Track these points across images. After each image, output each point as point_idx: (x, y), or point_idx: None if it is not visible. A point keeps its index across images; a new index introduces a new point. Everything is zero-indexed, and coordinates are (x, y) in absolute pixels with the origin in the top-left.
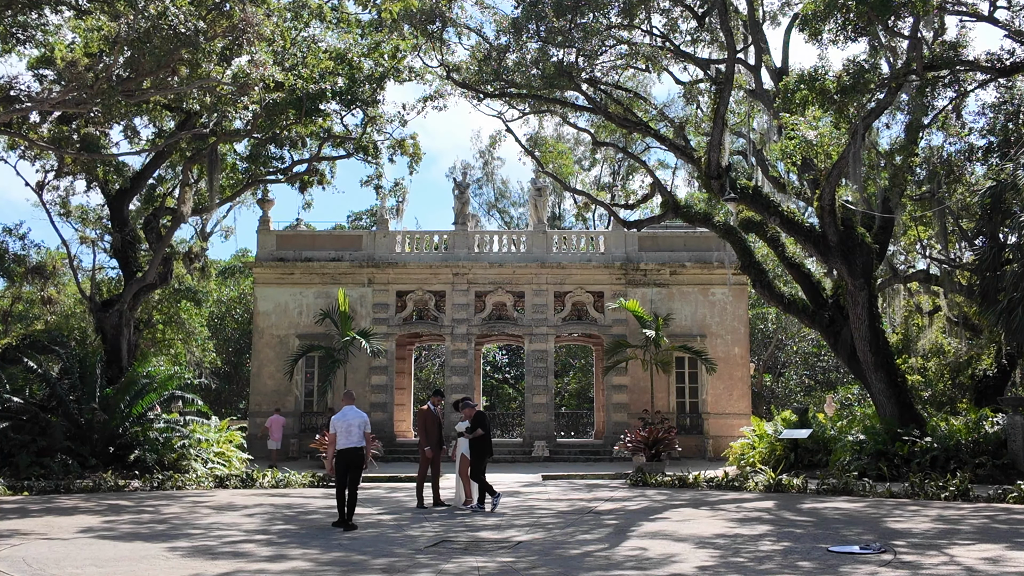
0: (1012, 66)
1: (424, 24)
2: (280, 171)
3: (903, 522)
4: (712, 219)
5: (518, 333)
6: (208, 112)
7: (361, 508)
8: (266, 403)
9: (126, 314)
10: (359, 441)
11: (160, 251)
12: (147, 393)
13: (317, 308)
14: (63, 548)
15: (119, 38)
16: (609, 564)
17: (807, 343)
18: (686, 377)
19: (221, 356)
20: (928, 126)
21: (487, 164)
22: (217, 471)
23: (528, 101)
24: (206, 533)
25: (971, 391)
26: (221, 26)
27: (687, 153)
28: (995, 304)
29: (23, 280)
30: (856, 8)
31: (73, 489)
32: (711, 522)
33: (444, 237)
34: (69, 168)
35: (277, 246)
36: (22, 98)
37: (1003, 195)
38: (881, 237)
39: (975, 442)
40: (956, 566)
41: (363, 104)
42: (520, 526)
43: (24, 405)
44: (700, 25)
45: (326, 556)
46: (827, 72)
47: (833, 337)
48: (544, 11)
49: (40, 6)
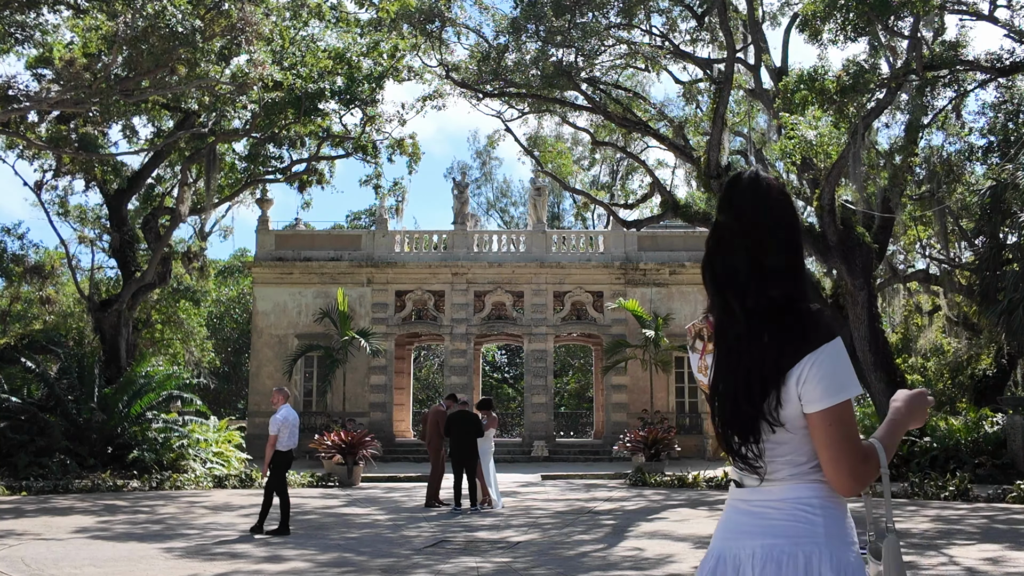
0: (1012, 66)
1: (423, 24)
2: (279, 171)
3: (902, 522)
4: (711, 219)
5: (517, 333)
6: (207, 111)
7: (359, 508)
8: (265, 403)
9: (125, 314)
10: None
11: (159, 251)
12: (145, 393)
13: (316, 308)
14: (61, 548)
15: (117, 37)
16: (607, 564)
17: None
18: (685, 377)
19: (220, 356)
20: (928, 126)
21: (486, 164)
22: (216, 471)
23: (527, 101)
24: (202, 533)
25: (971, 391)
26: (219, 25)
27: (686, 153)
28: (995, 304)
29: (21, 280)
30: (856, 8)
31: (71, 489)
32: (709, 522)
33: (443, 237)
34: (67, 168)
35: (276, 246)
36: (20, 98)
37: (1003, 195)
38: (881, 237)
39: (975, 442)
40: (956, 566)
41: (362, 103)
42: (517, 526)
43: (22, 405)
44: (699, 25)
45: (323, 556)
46: (827, 72)
47: None
48: (543, 11)
49: (38, 5)
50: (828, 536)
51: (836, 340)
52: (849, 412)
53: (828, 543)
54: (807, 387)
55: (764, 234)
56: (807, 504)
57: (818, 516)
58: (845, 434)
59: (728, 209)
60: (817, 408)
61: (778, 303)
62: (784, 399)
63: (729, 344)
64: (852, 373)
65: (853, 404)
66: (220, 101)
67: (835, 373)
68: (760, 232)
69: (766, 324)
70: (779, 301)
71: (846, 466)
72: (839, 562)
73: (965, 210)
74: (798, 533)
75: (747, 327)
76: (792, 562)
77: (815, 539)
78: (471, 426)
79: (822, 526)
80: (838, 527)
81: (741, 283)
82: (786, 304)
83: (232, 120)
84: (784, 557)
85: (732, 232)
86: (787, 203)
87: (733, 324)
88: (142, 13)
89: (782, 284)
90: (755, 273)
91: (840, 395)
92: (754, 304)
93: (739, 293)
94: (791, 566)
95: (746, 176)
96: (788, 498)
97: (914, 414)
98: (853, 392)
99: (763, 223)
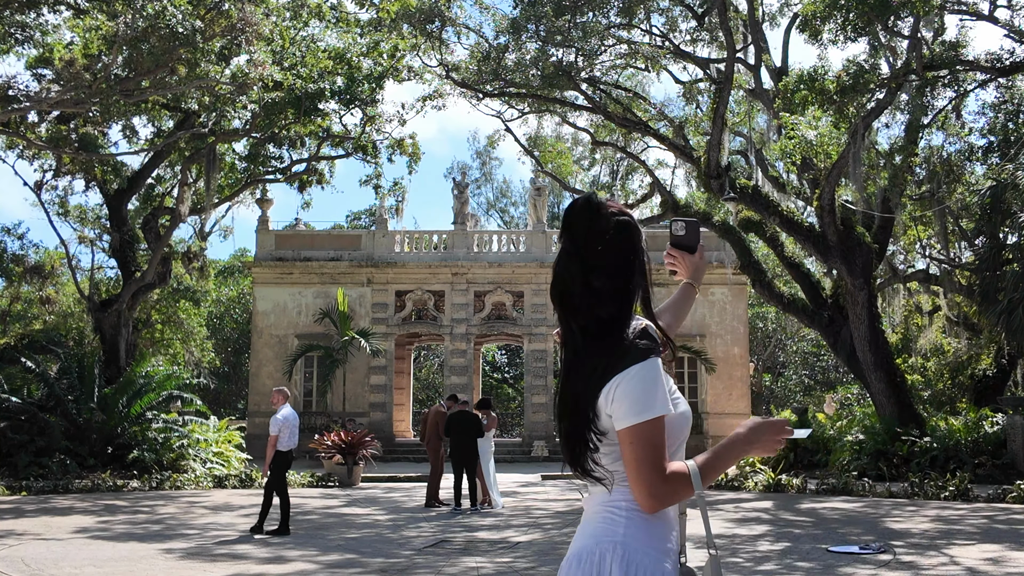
0: (1012, 66)
1: (423, 24)
2: (279, 171)
3: (903, 522)
4: (711, 219)
5: (517, 333)
6: (207, 111)
7: (360, 508)
8: (265, 403)
9: (124, 314)
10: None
11: (159, 251)
12: (145, 393)
13: (316, 308)
14: (61, 548)
15: (117, 37)
16: None
17: (807, 343)
18: (685, 377)
19: (220, 356)
20: (928, 126)
21: (486, 164)
22: (216, 471)
23: (527, 101)
24: (202, 533)
25: (971, 391)
26: (219, 25)
27: (686, 153)
28: (995, 304)
29: (21, 280)
30: (856, 8)
31: (71, 489)
32: (710, 522)
33: (443, 237)
34: (67, 168)
35: (276, 246)
36: (20, 98)
37: (1003, 195)
38: (881, 237)
39: (975, 442)
40: (956, 566)
41: (362, 103)
42: (518, 526)
43: (22, 405)
44: (700, 24)
45: (325, 557)
46: (827, 72)
47: (833, 337)
48: (543, 11)
49: (38, 5)
50: (627, 537)
51: (647, 362)
52: (651, 432)
53: (624, 543)
54: (615, 406)
55: (595, 257)
56: (615, 507)
57: (621, 518)
58: (645, 453)
59: (566, 231)
60: (622, 426)
61: (607, 324)
62: (600, 414)
63: (567, 358)
64: (658, 395)
65: (661, 424)
66: (220, 101)
67: (640, 394)
68: (592, 255)
69: (595, 342)
70: (607, 322)
71: (644, 484)
72: (629, 561)
73: (965, 210)
74: (602, 533)
75: (583, 343)
76: (589, 559)
77: (613, 539)
78: (471, 426)
79: (623, 527)
80: (642, 531)
81: (575, 303)
82: (612, 325)
83: (232, 120)
84: (584, 554)
85: (568, 254)
86: (622, 228)
87: (571, 340)
88: (142, 13)
89: (609, 306)
90: (587, 294)
91: (642, 415)
92: (585, 323)
93: (573, 312)
94: (588, 562)
95: (581, 200)
96: (604, 502)
97: (758, 442)
98: (656, 413)
99: (594, 247)
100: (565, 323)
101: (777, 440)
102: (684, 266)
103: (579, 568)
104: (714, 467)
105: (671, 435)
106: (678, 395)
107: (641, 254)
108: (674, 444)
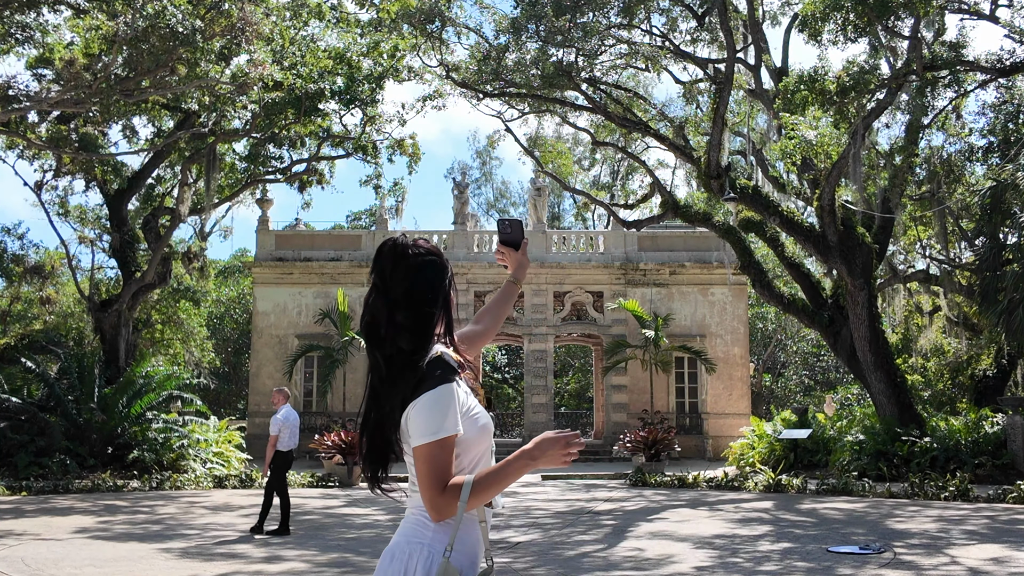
0: (1012, 66)
1: (423, 24)
2: (279, 171)
3: (903, 522)
4: (712, 219)
5: (517, 333)
6: (207, 112)
7: (359, 508)
8: (265, 403)
9: (125, 314)
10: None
11: (159, 251)
12: (145, 393)
13: (316, 308)
14: (61, 548)
15: (117, 37)
16: (607, 564)
17: (807, 343)
18: (686, 377)
19: (220, 356)
20: (928, 126)
21: (486, 164)
22: (216, 471)
23: (528, 101)
24: (202, 533)
25: (971, 391)
26: (220, 25)
27: (687, 153)
28: (995, 304)
29: (21, 280)
30: (856, 8)
31: (71, 489)
32: (710, 522)
33: (443, 237)
34: (67, 168)
35: (276, 246)
36: (20, 98)
37: (1003, 195)
38: (881, 237)
39: (975, 442)
40: (958, 566)
41: (362, 104)
42: (518, 526)
43: (22, 405)
44: (700, 25)
45: (323, 557)
46: (827, 72)
47: (833, 337)
48: (543, 11)
49: (38, 5)
50: (434, 540)
51: (437, 390)
52: (434, 451)
53: (431, 544)
54: (411, 427)
55: (399, 295)
56: (424, 512)
57: (431, 522)
58: (428, 470)
59: (375, 270)
60: (412, 445)
61: (408, 355)
62: (403, 435)
63: (374, 384)
64: (445, 419)
65: (449, 444)
66: (220, 101)
67: (427, 418)
68: (395, 292)
69: (398, 371)
70: (408, 353)
71: (427, 497)
72: (432, 561)
73: (965, 210)
74: (412, 534)
75: (388, 372)
76: (400, 556)
77: (423, 540)
78: None
79: (432, 531)
80: (446, 535)
81: (380, 335)
82: (412, 356)
83: (232, 120)
84: (397, 551)
85: (376, 290)
86: (425, 267)
87: (377, 368)
88: (142, 13)
89: (410, 339)
90: (391, 327)
91: (427, 437)
92: (389, 353)
93: (379, 343)
94: (399, 559)
95: (389, 242)
96: (416, 507)
97: (543, 457)
98: (440, 435)
99: (398, 285)
100: (371, 353)
101: (564, 454)
102: (510, 261)
103: (391, 565)
104: (495, 481)
105: (468, 449)
106: (478, 411)
107: (445, 289)
108: (475, 455)
